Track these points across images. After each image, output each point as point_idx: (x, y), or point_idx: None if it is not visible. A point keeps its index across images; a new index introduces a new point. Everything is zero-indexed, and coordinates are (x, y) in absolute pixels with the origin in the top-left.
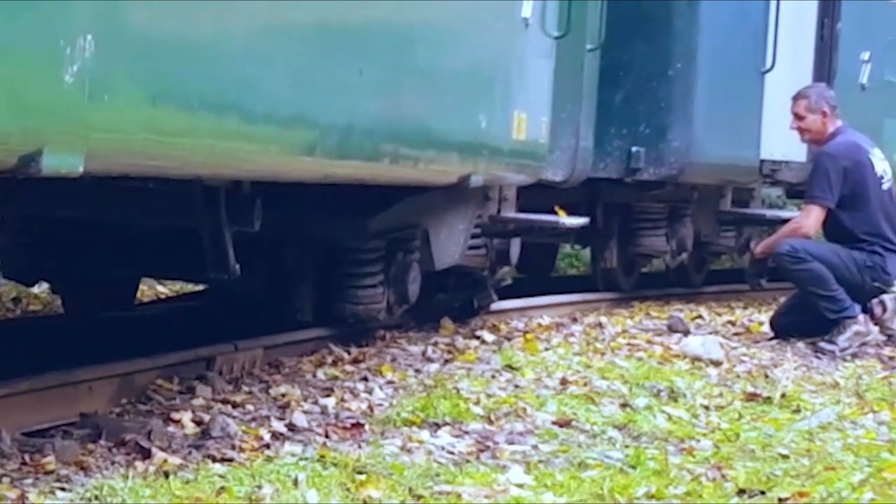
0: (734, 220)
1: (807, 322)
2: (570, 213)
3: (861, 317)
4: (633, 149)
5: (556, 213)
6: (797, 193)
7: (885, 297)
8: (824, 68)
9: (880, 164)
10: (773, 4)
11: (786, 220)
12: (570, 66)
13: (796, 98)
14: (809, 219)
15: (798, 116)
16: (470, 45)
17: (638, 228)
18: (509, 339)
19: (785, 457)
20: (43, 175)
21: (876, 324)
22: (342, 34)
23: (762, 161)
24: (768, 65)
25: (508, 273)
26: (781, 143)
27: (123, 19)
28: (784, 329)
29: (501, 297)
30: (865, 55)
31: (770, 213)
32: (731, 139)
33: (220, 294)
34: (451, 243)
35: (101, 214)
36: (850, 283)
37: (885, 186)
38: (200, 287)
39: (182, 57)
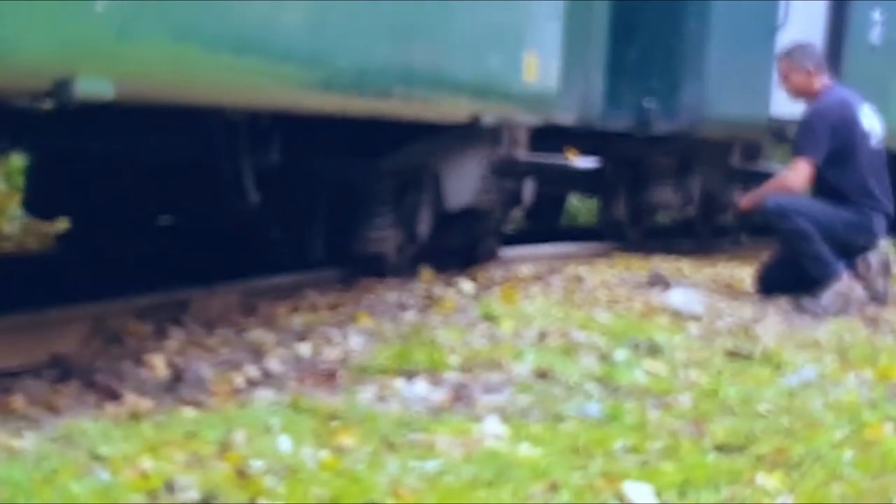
0: (742, 176)
1: (790, 279)
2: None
3: (845, 276)
4: (645, 103)
5: (566, 155)
6: None
7: (870, 255)
8: (836, 27)
9: (869, 122)
10: None
11: None
12: (579, 11)
13: (780, 58)
14: (797, 174)
15: (783, 75)
16: None
17: (647, 181)
18: (488, 289)
19: (764, 414)
20: (76, 98)
21: (860, 282)
22: None
23: (771, 118)
24: (780, 22)
25: (520, 209)
26: (790, 102)
27: None
28: (768, 285)
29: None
30: (877, 15)
31: (778, 168)
32: (742, 96)
33: (235, 231)
34: (463, 184)
35: (126, 147)
36: (837, 241)
37: (874, 144)
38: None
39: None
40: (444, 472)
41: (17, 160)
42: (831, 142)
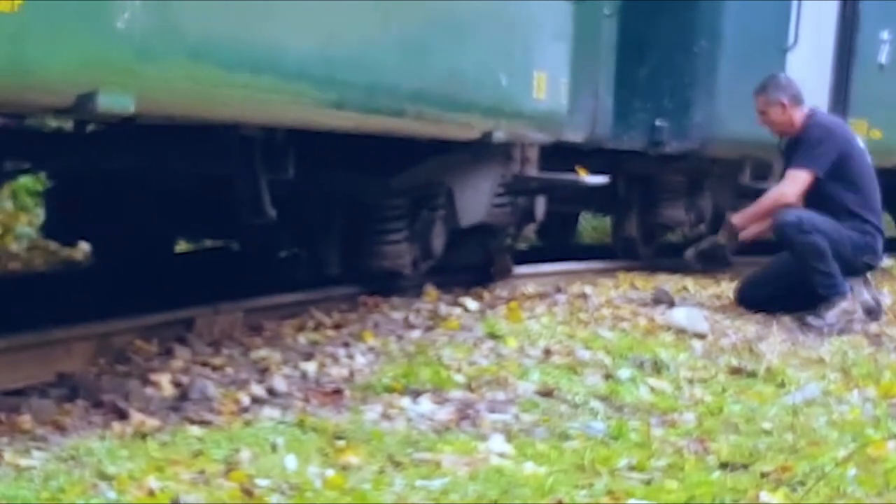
0: (753, 194)
1: (775, 295)
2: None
3: (849, 294)
4: (657, 122)
5: (577, 172)
6: None
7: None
8: (845, 47)
9: (861, 142)
10: None
11: None
12: (588, 31)
13: (755, 94)
14: (795, 187)
15: (761, 112)
16: (490, 6)
17: (658, 199)
18: (493, 308)
19: (768, 431)
20: (98, 113)
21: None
22: None
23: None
24: (790, 42)
25: (532, 226)
26: None
27: None
28: (750, 301)
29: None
30: (885, 35)
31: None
32: (752, 115)
33: (251, 249)
34: (476, 201)
35: (144, 165)
36: (844, 259)
37: (870, 161)
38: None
39: (222, 13)
40: (449, 491)
41: (26, 181)
42: (836, 156)
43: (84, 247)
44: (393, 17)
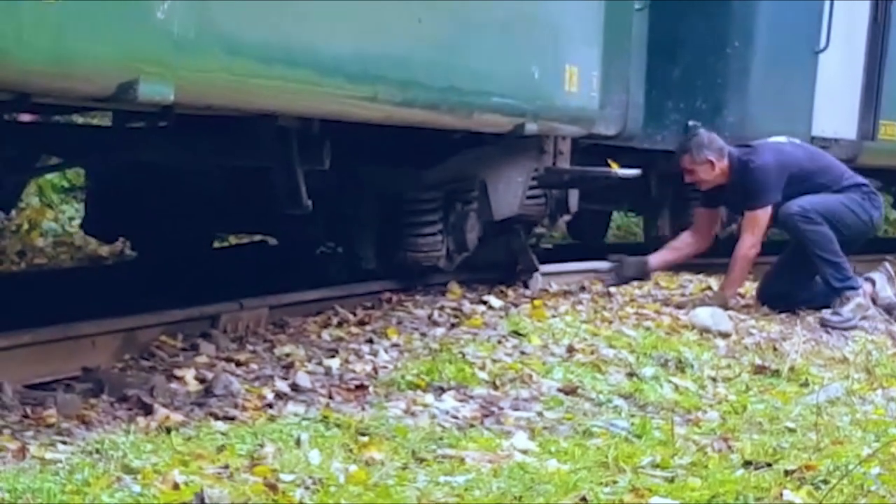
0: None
1: (794, 292)
2: (625, 182)
3: (862, 290)
4: (690, 122)
5: (609, 165)
6: None
7: (873, 273)
8: (877, 49)
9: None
10: None
11: None
12: (619, 25)
13: (679, 154)
14: (758, 232)
15: (688, 171)
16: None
17: (691, 198)
18: (516, 305)
19: (792, 430)
20: (138, 101)
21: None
22: None
23: (813, 137)
24: (822, 45)
25: (564, 220)
26: (832, 121)
27: None
28: (770, 298)
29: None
30: None
31: None
32: (785, 116)
33: (287, 244)
34: (509, 194)
35: (182, 157)
36: (862, 225)
37: (806, 145)
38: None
39: (258, 9)
40: (472, 487)
41: (52, 177)
42: (783, 178)
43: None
44: (425, 13)
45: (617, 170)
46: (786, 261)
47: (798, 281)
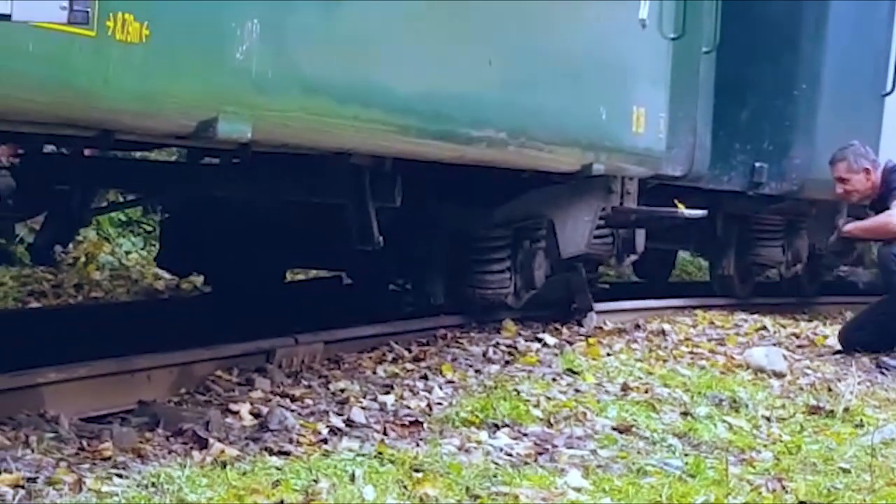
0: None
1: (876, 340)
2: (691, 222)
3: None
4: (757, 164)
5: (675, 206)
6: None
7: None
8: None
9: None
10: None
11: None
12: (686, 67)
13: (833, 163)
14: None
15: (841, 180)
16: (590, 42)
17: (756, 239)
18: (571, 343)
19: (846, 471)
20: (218, 139)
21: None
22: (473, 31)
23: None
24: (889, 88)
25: (629, 261)
26: None
27: (284, 12)
28: (852, 344)
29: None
30: None
31: None
32: None
33: (357, 278)
34: (577, 233)
35: (257, 193)
36: None
37: None
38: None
39: (333, 51)
40: None
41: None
42: None
43: (165, 276)
44: (495, 56)
45: (684, 210)
46: (875, 309)
47: (883, 330)
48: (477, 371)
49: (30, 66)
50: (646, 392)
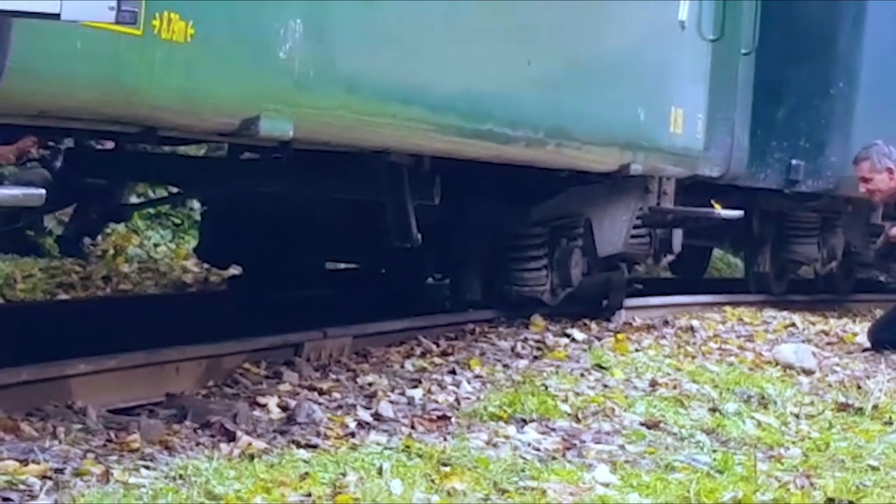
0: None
1: None
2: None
3: None
4: (793, 162)
5: (712, 206)
6: None
7: None
8: None
9: None
10: None
11: None
12: (724, 69)
13: (857, 162)
14: None
15: (865, 179)
16: (629, 43)
17: (791, 236)
18: (600, 339)
19: (875, 468)
20: (260, 136)
21: None
22: (513, 31)
23: None
24: None
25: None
26: None
27: (326, 12)
28: (881, 342)
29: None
30: None
31: None
32: None
33: (396, 275)
34: (614, 232)
35: (299, 189)
36: None
37: None
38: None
39: (374, 50)
40: None
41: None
42: None
43: (194, 269)
44: (534, 56)
45: (720, 211)
46: None
47: None
48: (505, 366)
49: (78, 65)
50: (674, 388)
